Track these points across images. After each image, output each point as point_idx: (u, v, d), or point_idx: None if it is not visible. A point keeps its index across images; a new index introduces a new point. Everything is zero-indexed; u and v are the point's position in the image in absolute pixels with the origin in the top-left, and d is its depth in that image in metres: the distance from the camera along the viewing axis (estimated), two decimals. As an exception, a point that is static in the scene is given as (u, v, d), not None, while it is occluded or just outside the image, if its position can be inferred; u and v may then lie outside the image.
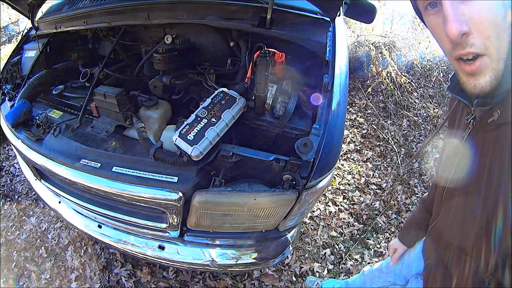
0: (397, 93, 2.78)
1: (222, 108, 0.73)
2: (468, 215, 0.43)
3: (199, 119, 0.71)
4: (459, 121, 0.54)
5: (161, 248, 1.03)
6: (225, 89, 0.78)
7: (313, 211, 1.86)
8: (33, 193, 1.91)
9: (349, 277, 1.45)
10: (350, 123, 2.72)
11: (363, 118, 2.75)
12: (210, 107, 0.73)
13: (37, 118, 1.04)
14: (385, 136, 2.50)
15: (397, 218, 1.83)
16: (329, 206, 1.92)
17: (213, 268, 1.01)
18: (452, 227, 0.46)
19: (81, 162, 0.87)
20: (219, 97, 0.76)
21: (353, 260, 1.59)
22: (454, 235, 0.45)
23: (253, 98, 0.81)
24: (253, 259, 1.01)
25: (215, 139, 0.71)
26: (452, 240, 0.46)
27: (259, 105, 0.81)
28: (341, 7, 1.02)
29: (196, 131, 0.70)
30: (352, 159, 2.35)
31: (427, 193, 0.87)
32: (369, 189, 2.05)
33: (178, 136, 0.72)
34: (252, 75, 0.79)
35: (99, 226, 1.12)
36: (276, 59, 0.93)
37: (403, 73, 2.90)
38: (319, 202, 1.95)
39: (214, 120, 0.71)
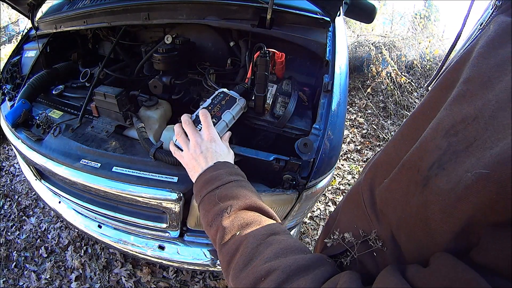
0: (397, 93, 2.78)
1: (222, 109, 0.73)
2: None
3: (199, 119, 0.71)
4: None
5: (161, 248, 1.03)
6: (225, 90, 0.78)
7: (313, 211, 1.86)
8: (33, 193, 1.91)
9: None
10: (350, 123, 2.72)
11: (363, 118, 2.75)
12: (210, 108, 0.73)
13: (37, 118, 1.04)
14: (385, 136, 2.50)
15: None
16: (329, 206, 1.92)
17: (213, 268, 1.01)
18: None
19: (81, 162, 0.87)
20: (219, 97, 0.75)
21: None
22: None
23: (253, 98, 0.81)
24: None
25: None
26: None
27: (259, 105, 0.81)
28: (341, 7, 1.02)
29: None
30: (352, 159, 2.35)
31: None
32: (369, 189, 2.05)
33: None
34: (252, 75, 0.79)
35: (99, 226, 1.12)
36: (276, 59, 0.93)
37: (403, 73, 2.90)
38: (319, 202, 1.95)
39: (214, 120, 0.70)
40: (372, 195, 0.42)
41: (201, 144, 0.62)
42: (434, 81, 0.49)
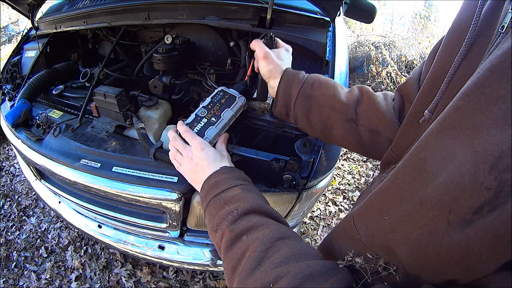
0: (397, 93, 2.78)
1: (222, 107, 0.73)
2: None
3: (199, 118, 0.71)
4: None
5: (161, 248, 1.03)
6: (224, 88, 0.78)
7: (313, 211, 1.87)
8: (33, 193, 1.91)
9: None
10: (350, 123, 2.72)
11: (363, 118, 2.75)
12: (210, 106, 0.73)
13: (37, 118, 1.04)
14: (385, 136, 2.50)
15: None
16: (329, 206, 1.92)
17: (213, 268, 1.01)
18: None
19: (81, 162, 0.87)
20: (219, 96, 0.75)
21: (353, 260, 1.59)
22: None
23: (253, 95, 0.81)
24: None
25: (216, 138, 0.71)
26: None
27: (261, 94, 0.79)
28: (341, 7, 1.02)
29: (196, 130, 0.70)
30: (352, 159, 2.35)
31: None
32: (369, 189, 2.05)
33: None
34: (252, 71, 0.79)
35: (99, 226, 1.12)
36: (276, 59, 0.93)
37: (403, 73, 2.90)
38: (319, 202, 1.95)
39: (214, 119, 0.70)
40: (370, 232, 0.38)
41: (193, 157, 0.61)
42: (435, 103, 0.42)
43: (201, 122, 0.70)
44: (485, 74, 0.27)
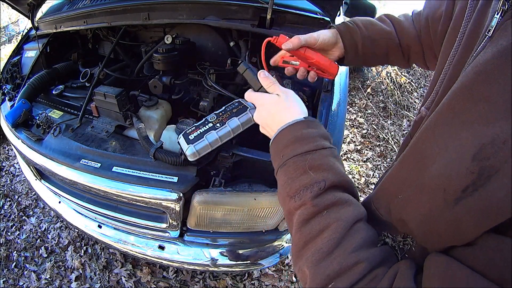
0: (397, 93, 2.78)
1: (231, 116, 0.72)
2: None
3: (206, 122, 0.72)
4: None
5: (161, 248, 1.03)
6: (241, 100, 0.76)
7: (313, 211, 1.86)
8: (33, 193, 1.91)
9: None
10: (350, 123, 2.72)
11: (363, 118, 2.75)
12: (221, 114, 0.73)
13: (37, 118, 1.04)
14: (385, 136, 2.50)
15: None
16: (329, 206, 1.92)
17: (213, 268, 1.01)
18: None
19: (81, 162, 0.87)
20: (233, 105, 0.75)
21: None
22: None
23: None
24: (253, 258, 1.01)
25: (215, 142, 0.70)
26: None
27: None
28: (341, 7, 1.02)
29: (199, 132, 0.70)
30: (352, 159, 2.35)
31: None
32: (369, 189, 2.05)
33: (182, 135, 0.73)
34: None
35: (99, 226, 1.12)
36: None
37: (403, 73, 2.91)
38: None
39: (218, 125, 0.71)
40: (387, 209, 0.43)
41: (287, 95, 0.55)
42: (428, 101, 0.48)
43: (206, 126, 0.71)
44: (473, 77, 0.32)
